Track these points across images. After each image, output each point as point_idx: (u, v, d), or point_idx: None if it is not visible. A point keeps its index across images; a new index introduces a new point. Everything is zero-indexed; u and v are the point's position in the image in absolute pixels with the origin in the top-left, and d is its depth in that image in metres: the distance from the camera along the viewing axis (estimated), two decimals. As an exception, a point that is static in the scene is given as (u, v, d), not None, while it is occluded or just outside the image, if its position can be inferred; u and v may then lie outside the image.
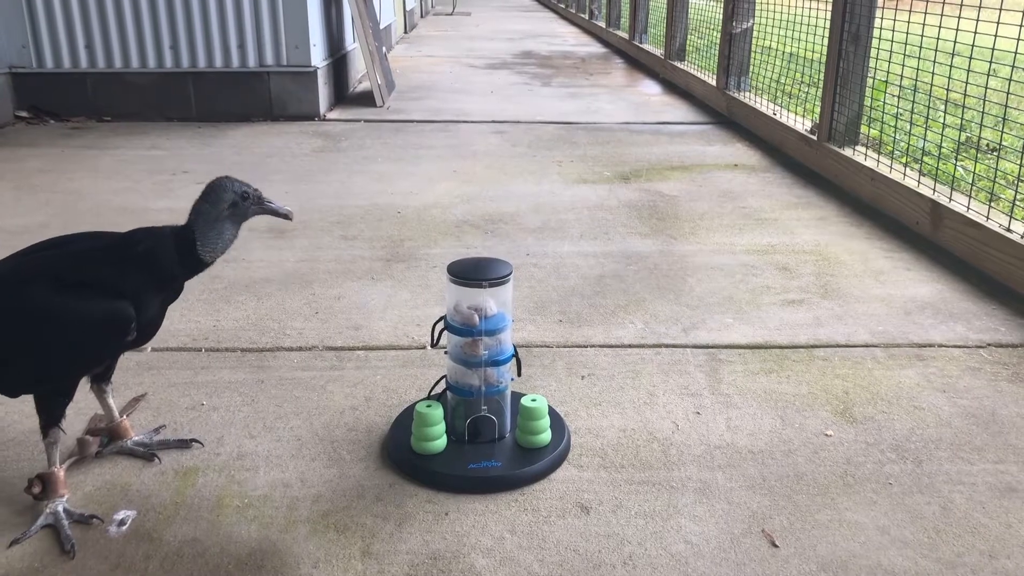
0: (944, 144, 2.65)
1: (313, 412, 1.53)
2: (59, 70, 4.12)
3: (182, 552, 1.17)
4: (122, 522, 1.23)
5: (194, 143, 3.72)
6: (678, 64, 5.31)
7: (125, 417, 1.41)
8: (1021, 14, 2.04)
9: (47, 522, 1.22)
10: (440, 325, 1.39)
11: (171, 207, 2.72)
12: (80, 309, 1.17)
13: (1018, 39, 2.01)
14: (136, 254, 1.22)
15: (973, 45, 2.23)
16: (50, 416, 1.24)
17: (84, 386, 1.35)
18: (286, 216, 1.32)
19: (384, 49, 5.42)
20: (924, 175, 2.57)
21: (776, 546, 1.19)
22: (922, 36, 2.46)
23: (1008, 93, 2.26)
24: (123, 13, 4.06)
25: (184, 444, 1.42)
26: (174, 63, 4.15)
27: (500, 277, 1.34)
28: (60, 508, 1.23)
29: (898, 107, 2.81)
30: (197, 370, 1.68)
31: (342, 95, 4.85)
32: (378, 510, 1.27)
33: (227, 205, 1.25)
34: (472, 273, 1.35)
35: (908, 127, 2.76)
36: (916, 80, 2.62)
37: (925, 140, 2.91)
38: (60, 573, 1.13)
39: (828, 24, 3.06)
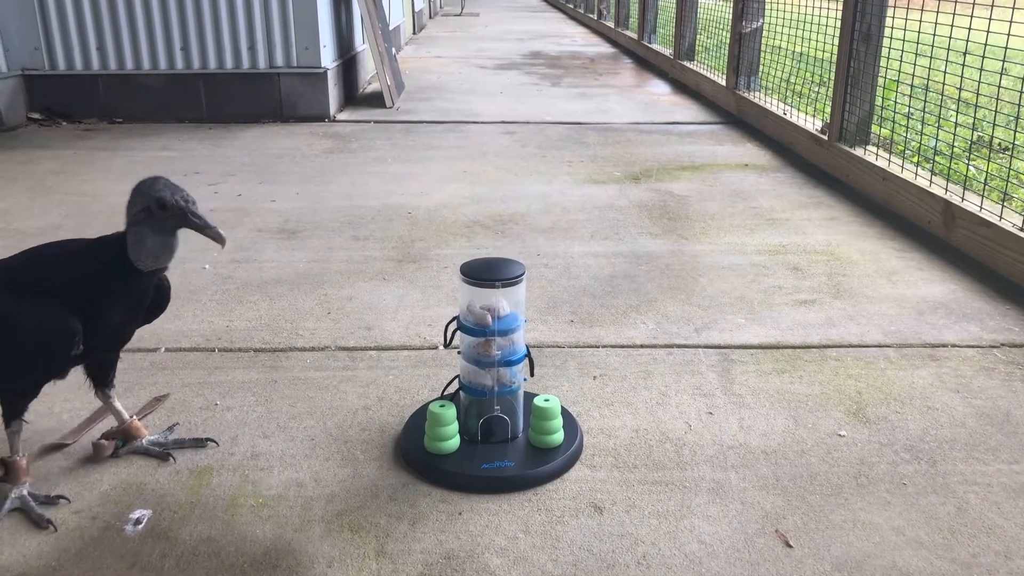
0: (956, 143, 2.64)
1: (326, 412, 1.54)
2: (71, 72, 4.15)
3: (198, 551, 1.18)
4: (138, 521, 1.24)
5: (205, 144, 3.74)
6: (687, 64, 5.30)
7: (134, 418, 1.42)
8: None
9: (14, 506, 1.26)
10: (453, 325, 1.39)
11: (183, 208, 2.74)
12: (22, 320, 1.15)
13: (1031, 38, 2.00)
14: (85, 261, 1.19)
15: (985, 44, 2.22)
16: (12, 410, 1.26)
17: (84, 387, 1.36)
18: (215, 239, 1.20)
19: (393, 50, 5.43)
20: (936, 175, 2.56)
21: (790, 546, 1.19)
22: (934, 35, 2.45)
23: (1021, 92, 2.24)
24: (134, 15, 4.08)
25: (199, 443, 1.42)
26: (185, 64, 4.17)
27: (513, 277, 1.34)
28: (24, 492, 1.27)
29: (909, 106, 2.80)
30: (211, 370, 1.69)
31: (352, 96, 4.87)
32: (392, 510, 1.27)
33: (139, 210, 1.17)
34: (485, 273, 1.35)
35: (920, 126, 2.75)
36: (928, 79, 2.61)
37: (937, 140, 2.90)
38: (77, 571, 1.14)
39: (839, 23, 3.05)
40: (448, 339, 1.39)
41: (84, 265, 1.20)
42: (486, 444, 1.41)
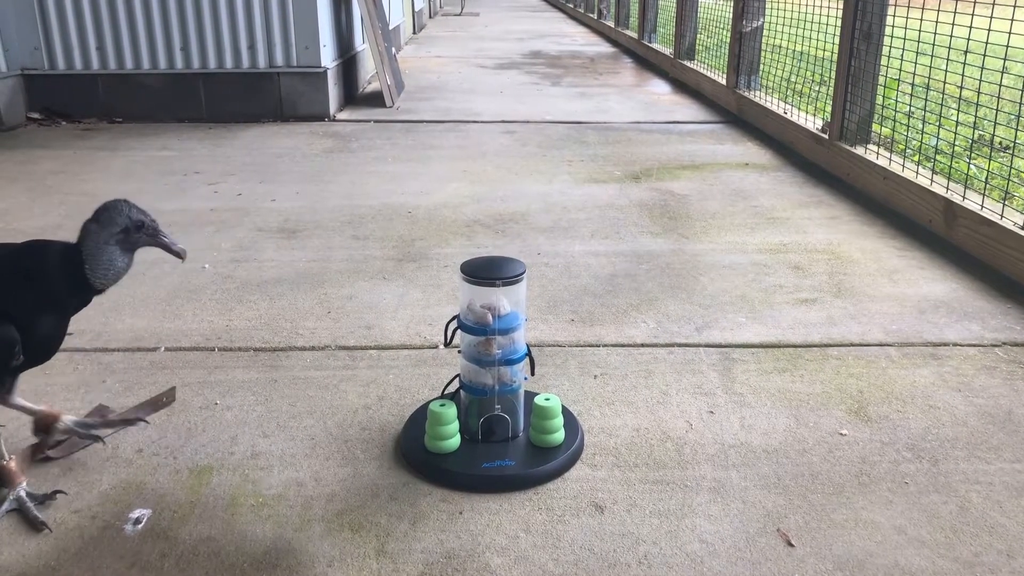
0: (957, 142, 2.64)
1: (326, 411, 1.53)
2: (71, 72, 4.14)
3: (197, 551, 1.18)
4: (137, 521, 1.23)
5: (205, 144, 3.73)
6: (688, 63, 5.30)
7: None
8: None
9: (11, 507, 1.25)
10: (453, 324, 1.39)
11: (183, 208, 2.74)
12: None
13: (1033, 36, 2.00)
14: (24, 271, 1.17)
15: (986, 42, 2.22)
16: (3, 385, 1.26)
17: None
18: (178, 255, 1.26)
19: (393, 50, 5.42)
20: (937, 173, 2.56)
21: (792, 545, 1.19)
22: (935, 33, 2.45)
23: (1022, 90, 2.24)
24: (134, 15, 4.08)
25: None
26: (184, 64, 4.16)
27: (514, 276, 1.34)
28: (22, 493, 1.26)
29: (910, 105, 2.79)
30: (210, 370, 1.69)
31: (352, 96, 4.86)
32: (392, 509, 1.27)
33: (119, 230, 1.18)
34: (486, 272, 1.35)
35: (921, 125, 2.75)
36: (929, 78, 2.61)
37: (938, 138, 2.90)
38: (76, 571, 1.14)
39: (839, 22, 3.05)
40: (449, 338, 1.38)
41: (43, 276, 1.18)
42: (487, 443, 1.40)
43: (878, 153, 2.85)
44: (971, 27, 2.24)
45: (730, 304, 2.01)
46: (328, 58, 4.29)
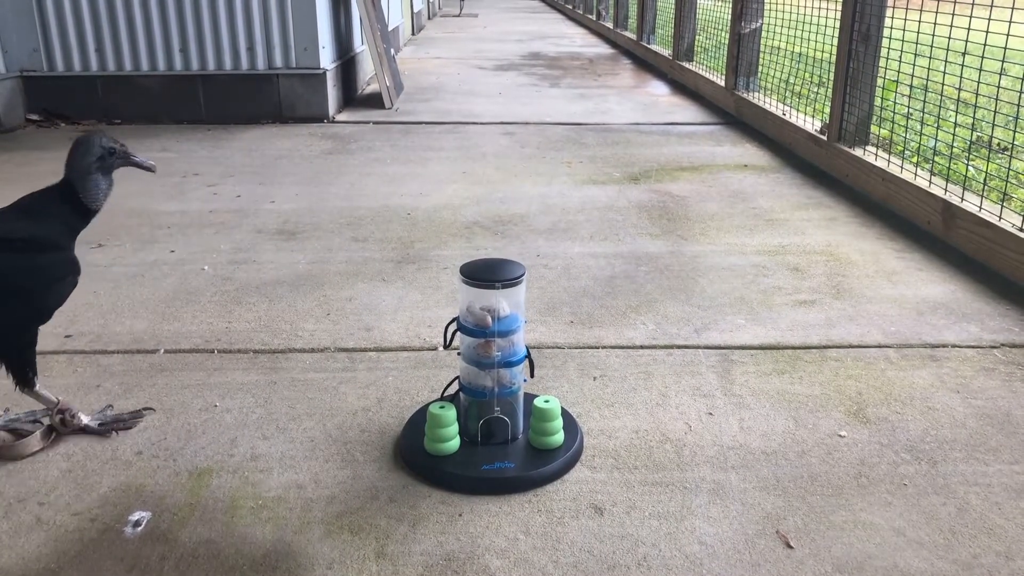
0: (955, 143, 2.64)
1: (326, 413, 1.54)
2: (70, 73, 4.14)
3: (197, 553, 1.18)
4: (137, 523, 1.23)
5: (204, 145, 3.73)
6: (686, 65, 5.31)
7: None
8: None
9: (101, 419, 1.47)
10: (453, 326, 1.39)
11: (183, 209, 2.74)
12: (46, 263, 1.33)
13: (1031, 38, 2.00)
14: (47, 213, 1.35)
15: (984, 44, 2.22)
16: (31, 369, 1.39)
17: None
18: (149, 168, 1.47)
19: (392, 51, 5.43)
20: (935, 175, 2.56)
21: (791, 547, 1.19)
22: (933, 35, 2.45)
23: (1020, 92, 2.25)
24: (133, 16, 4.08)
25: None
26: (183, 65, 4.17)
27: (513, 278, 1.34)
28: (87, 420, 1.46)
29: (909, 106, 2.80)
30: (210, 372, 1.69)
31: (351, 97, 4.87)
32: (392, 511, 1.27)
33: (95, 158, 1.37)
34: (485, 274, 1.35)
35: (919, 127, 2.75)
36: (927, 79, 2.61)
37: (936, 140, 2.90)
38: (76, 573, 1.14)
39: (838, 23, 3.05)
40: (448, 340, 1.38)
41: (56, 211, 1.37)
42: (486, 445, 1.40)
43: (877, 154, 2.86)
44: (969, 28, 2.25)
45: (729, 306, 2.01)
46: (327, 60, 4.29)
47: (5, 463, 1.38)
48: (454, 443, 1.38)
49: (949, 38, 2.36)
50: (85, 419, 1.45)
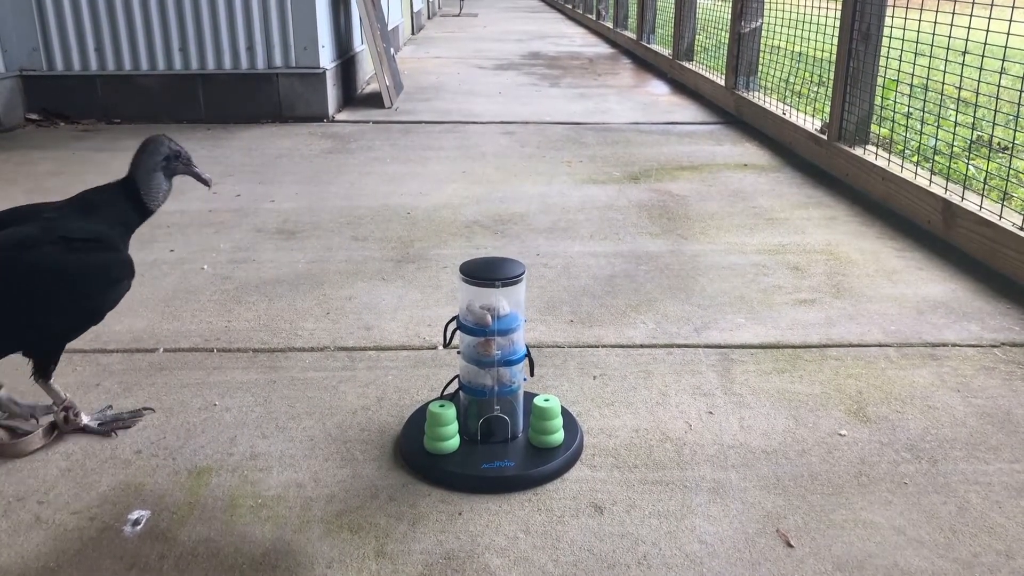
0: (955, 143, 2.64)
1: (325, 412, 1.53)
2: (69, 72, 4.14)
3: (196, 552, 1.17)
4: (136, 522, 1.23)
5: (204, 145, 3.73)
6: (686, 64, 5.30)
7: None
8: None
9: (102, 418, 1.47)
10: (453, 325, 1.39)
11: (182, 209, 2.73)
12: (106, 263, 1.35)
13: (1031, 37, 2.00)
14: (109, 210, 1.38)
15: (985, 43, 2.22)
16: (52, 362, 1.40)
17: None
18: (206, 182, 1.50)
19: (392, 50, 5.43)
20: (935, 174, 2.56)
21: (791, 546, 1.19)
22: (933, 34, 2.45)
23: (1020, 91, 2.24)
24: (132, 15, 4.08)
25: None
26: (183, 65, 4.16)
27: (513, 277, 1.34)
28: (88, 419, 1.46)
29: (909, 106, 2.80)
30: (209, 371, 1.69)
31: (350, 96, 4.86)
32: (392, 510, 1.26)
33: (162, 158, 1.42)
34: (485, 273, 1.35)
35: (919, 126, 2.75)
36: (927, 79, 2.61)
37: (936, 139, 2.90)
38: (76, 572, 1.14)
39: (838, 22, 3.05)
40: (448, 339, 1.38)
41: (117, 208, 1.40)
42: (486, 444, 1.40)
43: (877, 154, 2.85)
44: (969, 27, 2.25)
45: (729, 305, 2.01)
46: (327, 59, 4.29)
47: (5, 462, 1.38)
48: (454, 442, 1.37)
49: (950, 37, 2.36)
50: (85, 419, 1.45)
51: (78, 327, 1.37)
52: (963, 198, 2.31)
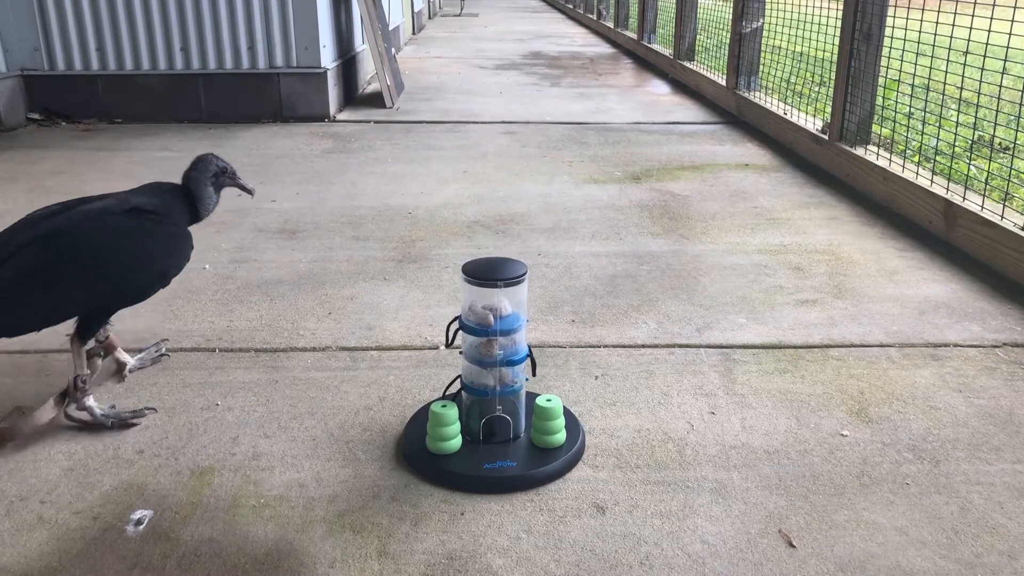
0: (957, 143, 2.64)
1: (328, 412, 1.53)
2: (70, 72, 4.14)
3: (199, 552, 1.18)
4: (139, 522, 1.23)
5: (205, 145, 3.73)
6: (687, 64, 5.30)
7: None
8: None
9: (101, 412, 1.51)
10: (455, 325, 1.39)
11: (183, 208, 2.73)
12: (171, 232, 1.49)
13: (1033, 37, 2.00)
14: (173, 198, 1.53)
15: (986, 43, 2.22)
16: (95, 327, 1.49)
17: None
18: (250, 192, 1.67)
19: (393, 50, 5.43)
20: (937, 174, 2.56)
21: (793, 546, 1.19)
22: (935, 34, 2.45)
23: (1022, 91, 2.24)
24: (134, 15, 4.08)
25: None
26: (184, 65, 4.16)
27: (515, 277, 1.34)
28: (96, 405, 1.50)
29: (910, 106, 2.80)
30: (211, 370, 1.69)
31: (351, 96, 4.86)
32: (394, 510, 1.27)
33: (212, 174, 1.58)
34: (487, 273, 1.35)
35: (921, 126, 2.75)
36: (929, 79, 2.61)
37: (938, 139, 2.90)
38: (78, 572, 1.14)
39: (839, 23, 3.05)
40: (450, 339, 1.38)
41: (181, 201, 1.55)
42: (488, 444, 1.40)
43: (878, 154, 2.85)
44: (971, 28, 2.25)
45: (731, 305, 2.01)
46: (328, 59, 4.29)
47: (7, 461, 1.38)
48: (456, 442, 1.38)
49: (951, 37, 2.36)
50: (91, 401, 1.48)
51: (145, 290, 1.48)
52: (964, 198, 2.31)
